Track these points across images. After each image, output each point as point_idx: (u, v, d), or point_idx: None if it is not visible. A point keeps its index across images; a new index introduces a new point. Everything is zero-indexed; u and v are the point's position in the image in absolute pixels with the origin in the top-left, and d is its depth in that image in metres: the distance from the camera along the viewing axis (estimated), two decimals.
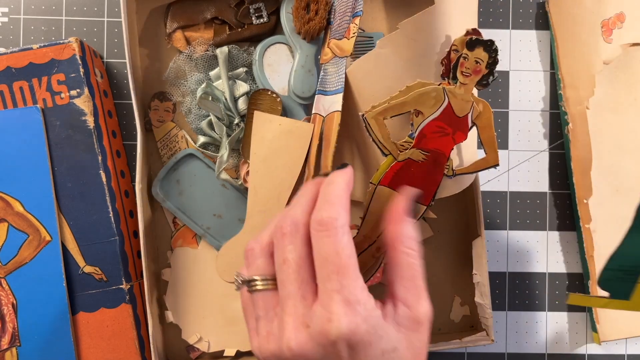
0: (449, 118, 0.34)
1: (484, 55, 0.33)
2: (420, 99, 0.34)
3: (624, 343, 0.56)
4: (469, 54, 0.33)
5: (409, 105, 0.34)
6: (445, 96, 0.34)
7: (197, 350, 0.52)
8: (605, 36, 0.54)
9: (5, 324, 0.48)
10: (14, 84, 0.48)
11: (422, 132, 0.34)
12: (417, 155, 0.35)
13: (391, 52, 0.44)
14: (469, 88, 0.34)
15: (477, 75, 0.33)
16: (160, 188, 0.51)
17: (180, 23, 0.52)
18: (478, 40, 0.33)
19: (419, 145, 0.35)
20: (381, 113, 0.34)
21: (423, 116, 0.34)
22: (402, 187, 0.36)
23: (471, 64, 0.33)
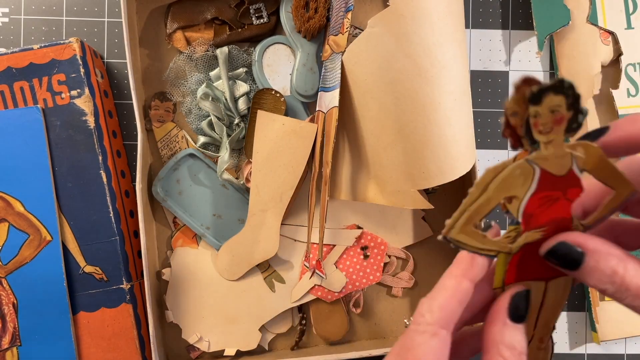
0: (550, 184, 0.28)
1: (559, 99, 0.26)
2: (505, 186, 0.27)
3: (624, 343, 0.56)
4: (539, 109, 0.26)
5: (495, 199, 0.27)
6: (533, 166, 0.27)
7: (197, 350, 0.52)
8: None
9: (6, 324, 0.48)
10: (14, 84, 0.48)
11: (526, 215, 0.28)
12: (533, 236, 0.29)
13: (382, 31, 0.44)
14: (558, 142, 0.27)
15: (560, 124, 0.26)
16: (161, 188, 0.51)
17: (181, 23, 0.52)
18: (542, 88, 0.26)
19: (530, 226, 0.28)
20: (467, 224, 0.28)
21: (518, 199, 0.28)
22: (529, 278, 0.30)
23: (547, 118, 0.26)
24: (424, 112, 0.44)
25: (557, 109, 0.26)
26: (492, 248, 0.29)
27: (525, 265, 0.29)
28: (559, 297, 0.30)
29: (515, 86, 0.26)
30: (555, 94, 0.26)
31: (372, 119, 0.47)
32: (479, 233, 0.28)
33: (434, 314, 0.27)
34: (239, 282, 0.52)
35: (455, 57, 0.45)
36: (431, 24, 0.43)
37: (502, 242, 0.29)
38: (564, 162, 0.28)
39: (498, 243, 0.29)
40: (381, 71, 0.45)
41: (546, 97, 0.26)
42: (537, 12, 0.54)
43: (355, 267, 0.52)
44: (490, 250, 0.29)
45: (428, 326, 0.27)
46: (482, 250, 0.29)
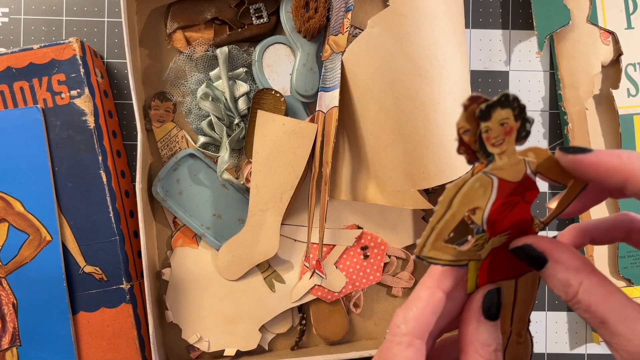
0: (509, 191, 0.29)
1: (507, 112, 0.27)
2: (467, 199, 0.29)
3: None
4: (489, 124, 0.27)
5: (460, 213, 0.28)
6: (491, 177, 0.29)
7: (197, 350, 0.52)
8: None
9: (6, 324, 0.48)
10: (14, 84, 0.48)
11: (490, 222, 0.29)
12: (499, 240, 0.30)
13: (382, 31, 0.44)
14: (510, 151, 0.28)
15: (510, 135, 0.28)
16: (161, 188, 0.51)
17: (181, 23, 0.52)
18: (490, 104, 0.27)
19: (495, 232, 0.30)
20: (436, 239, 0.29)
21: (480, 209, 0.29)
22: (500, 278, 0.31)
23: (498, 131, 0.27)
24: (424, 112, 0.44)
25: (506, 122, 0.27)
26: (463, 258, 0.30)
27: (495, 267, 0.31)
28: (529, 291, 0.32)
29: (464, 105, 0.27)
30: (502, 108, 0.27)
31: (372, 119, 0.47)
32: (450, 247, 0.29)
33: (408, 324, 0.28)
34: (239, 282, 0.52)
35: (455, 57, 0.45)
36: (431, 24, 0.43)
37: (471, 252, 0.30)
38: (518, 168, 0.29)
39: (468, 253, 0.30)
40: (381, 71, 0.45)
41: (494, 112, 0.27)
42: (537, 12, 0.54)
43: (355, 267, 0.52)
44: (462, 260, 0.30)
45: (403, 337, 0.28)
46: (454, 262, 0.30)
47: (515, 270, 0.31)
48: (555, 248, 0.28)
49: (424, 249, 0.29)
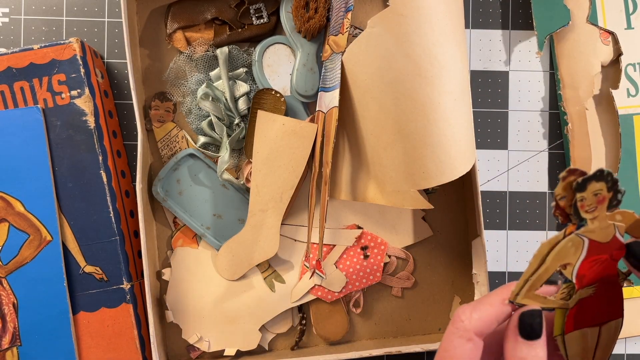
0: (598, 250, 0.32)
1: (600, 185, 0.30)
2: (560, 257, 0.32)
3: (624, 343, 0.56)
4: (584, 195, 0.30)
5: (552, 268, 0.32)
6: (582, 238, 0.32)
7: (197, 350, 0.52)
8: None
9: (6, 324, 0.48)
10: (14, 84, 0.48)
11: (579, 276, 0.32)
12: (586, 292, 0.33)
13: (382, 31, 0.44)
14: (601, 217, 0.31)
15: (602, 203, 0.31)
16: (161, 188, 0.51)
17: (181, 23, 0.52)
18: (586, 178, 0.30)
19: (582, 285, 0.33)
20: (529, 290, 0.32)
21: (571, 265, 0.32)
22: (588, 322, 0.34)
23: (591, 200, 0.31)
24: (424, 112, 0.44)
25: (599, 192, 0.30)
26: (552, 306, 0.33)
27: (582, 316, 0.33)
28: (612, 337, 0.34)
29: (562, 177, 0.30)
30: (596, 182, 0.30)
31: (372, 119, 0.47)
32: (540, 296, 0.32)
33: (472, 321, 0.31)
34: (239, 282, 0.52)
35: (455, 57, 0.45)
36: (431, 24, 0.43)
37: (558, 301, 0.33)
38: (608, 231, 0.32)
39: (556, 302, 0.33)
40: (381, 71, 0.45)
41: (589, 185, 0.30)
42: (537, 12, 0.54)
43: (355, 267, 0.52)
44: (552, 307, 0.33)
45: (465, 331, 0.31)
46: (543, 308, 0.32)
47: (600, 319, 0.34)
48: None
49: (517, 297, 0.32)
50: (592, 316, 0.33)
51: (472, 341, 0.31)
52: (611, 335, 0.34)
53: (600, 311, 0.33)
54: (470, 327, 0.31)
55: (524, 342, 0.31)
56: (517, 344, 0.31)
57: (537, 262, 0.31)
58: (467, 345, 0.31)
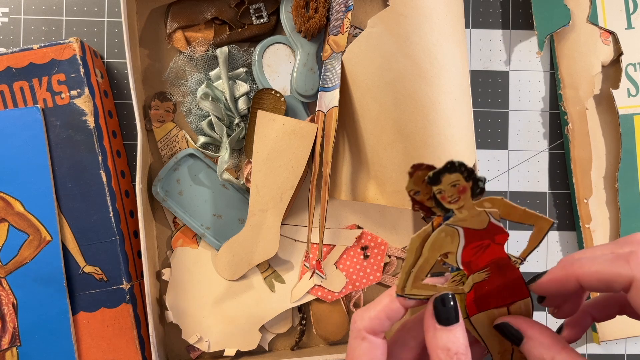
0: (477, 236, 0.32)
1: (455, 176, 0.30)
2: (436, 246, 0.31)
3: (624, 343, 0.56)
4: (441, 187, 0.30)
5: (432, 259, 0.32)
6: (455, 228, 0.31)
7: (197, 350, 0.52)
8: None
9: (6, 324, 0.48)
10: (14, 84, 0.48)
11: (465, 263, 0.32)
12: (479, 277, 0.33)
13: (382, 30, 0.44)
14: (468, 205, 0.31)
15: (464, 193, 0.30)
16: (161, 188, 0.51)
17: (181, 23, 0.52)
18: (437, 172, 0.29)
19: (472, 270, 0.33)
20: (415, 281, 0.32)
21: (453, 254, 0.32)
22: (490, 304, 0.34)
23: (451, 191, 0.30)
24: (424, 112, 0.44)
25: (457, 183, 0.30)
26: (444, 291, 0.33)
27: (482, 299, 0.33)
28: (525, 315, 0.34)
29: (409, 173, 0.30)
30: (450, 174, 0.30)
31: (372, 119, 0.47)
32: (430, 285, 0.32)
33: (363, 321, 0.32)
34: (239, 282, 0.52)
35: (455, 57, 0.45)
36: (431, 24, 0.43)
37: (451, 287, 0.33)
38: (481, 218, 0.32)
39: (448, 288, 0.33)
40: (381, 71, 0.45)
41: (443, 177, 0.30)
42: (538, 12, 0.54)
43: (355, 267, 0.52)
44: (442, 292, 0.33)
45: (358, 332, 0.32)
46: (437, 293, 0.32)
47: (504, 299, 0.34)
48: (530, 327, 0.32)
49: (405, 289, 0.32)
50: (495, 298, 0.33)
51: (366, 340, 0.32)
52: (523, 313, 0.34)
53: (501, 293, 0.33)
54: (362, 326, 0.32)
55: (442, 329, 0.31)
56: (436, 331, 0.31)
57: (411, 256, 0.31)
58: (362, 345, 0.32)
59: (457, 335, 0.31)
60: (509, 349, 0.34)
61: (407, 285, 0.32)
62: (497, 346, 0.34)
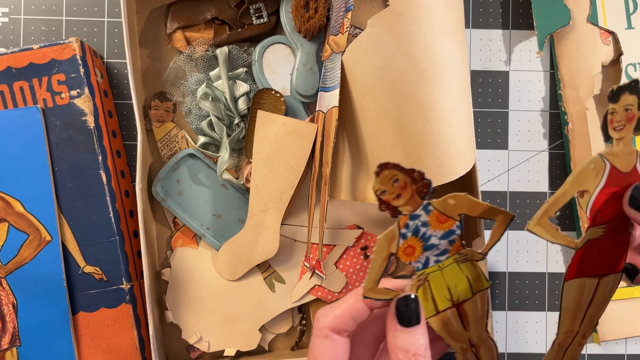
0: (617, 180, 0.31)
1: (633, 99, 0.30)
2: (580, 179, 0.30)
3: (624, 343, 0.56)
4: (615, 107, 0.30)
5: (570, 192, 0.31)
6: (605, 161, 0.31)
7: (197, 350, 0.52)
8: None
9: (6, 324, 0.48)
10: (14, 84, 0.48)
11: (593, 209, 0.31)
12: (596, 232, 0.32)
13: (382, 30, 0.44)
14: (627, 139, 0.31)
15: (631, 122, 0.30)
16: (161, 188, 0.51)
17: (181, 23, 0.52)
18: (620, 87, 0.29)
19: (595, 222, 0.32)
20: (543, 216, 0.31)
21: (589, 193, 0.31)
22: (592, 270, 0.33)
23: (622, 115, 0.30)
24: (424, 112, 0.44)
25: (630, 107, 0.30)
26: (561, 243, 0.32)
27: (586, 261, 0.32)
28: (607, 295, 0.33)
29: (376, 172, 0.30)
30: (630, 94, 0.29)
31: (372, 119, 0.46)
32: (553, 228, 0.31)
33: (327, 318, 0.32)
34: (239, 282, 0.52)
35: (455, 57, 0.45)
36: (431, 24, 0.43)
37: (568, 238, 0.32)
38: (630, 159, 0.31)
39: (567, 239, 0.32)
40: (381, 71, 0.45)
41: (622, 96, 0.29)
42: (538, 12, 0.54)
43: (355, 267, 0.52)
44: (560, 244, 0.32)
45: (321, 330, 0.32)
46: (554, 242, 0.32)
47: (602, 269, 0.33)
48: None
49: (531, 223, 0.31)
50: (596, 264, 0.33)
51: (328, 338, 0.32)
52: (607, 292, 0.33)
53: (604, 259, 0.32)
54: (325, 324, 0.32)
55: (402, 330, 0.31)
56: (397, 332, 0.31)
57: (379, 257, 0.31)
58: (325, 343, 0.32)
59: (417, 337, 0.31)
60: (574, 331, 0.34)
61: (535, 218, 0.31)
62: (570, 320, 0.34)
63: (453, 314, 0.34)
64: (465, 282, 0.34)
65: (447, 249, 0.33)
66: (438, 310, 0.33)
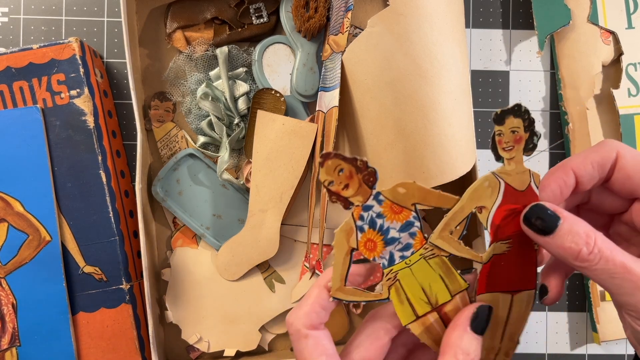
0: (513, 197, 0.32)
1: (518, 122, 0.31)
2: (476, 196, 0.32)
3: (624, 343, 0.56)
4: (502, 129, 0.31)
5: (467, 208, 0.32)
6: (499, 179, 0.32)
7: (197, 350, 0.52)
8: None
9: (5, 324, 0.48)
10: (14, 84, 0.48)
11: (493, 225, 0.32)
12: (500, 248, 0.33)
13: (382, 30, 0.44)
14: (518, 159, 0.32)
15: (519, 143, 0.31)
16: (160, 188, 0.51)
17: (180, 23, 0.52)
18: (504, 110, 0.31)
19: (497, 237, 0.32)
20: (444, 230, 0.32)
21: (487, 209, 0.32)
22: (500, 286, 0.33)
23: (509, 137, 0.31)
24: (424, 111, 0.44)
25: (517, 130, 0.31)
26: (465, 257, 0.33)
27: (495, 276, 0.33)
28: (523, 311, 0.33)
29: (320, 163, 0.30)
30: (514, 117, 0.31)
31: (372, 118, 0.46)
32: (455, 242, 0.32)
33: (300, 320, 0.32)
34: (239, 282, 0.52)
35: (455, 57, 0.45)
36: (431, 24, 0.43)
37: (474, 252, 0.32)
38: (524, 178, 0.32)
39: (471, 252, 0.32)
40: (381, 71, 0.45)
41: (507, 119, 0.31)
42: (538, 12, 0.54)
43: None
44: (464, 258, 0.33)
45: (298, 332, 0.32)
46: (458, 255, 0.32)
47: (513, 285, 0.33)
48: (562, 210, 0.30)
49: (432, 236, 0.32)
50: (506, 279, 0.33)
51: (309, 337, 0.32)
52: (523, 308, 0.33)
53: (513, 275, 0.33)
54: (300, 325, 0.32)
55: (472, 335, 0.31)
56: (466, 334, 0.31)
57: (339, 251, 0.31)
58: (308, 342, 0.31)
59: (479, 346, 0.31)
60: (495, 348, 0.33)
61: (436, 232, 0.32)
62: None
63: (436, 319, 0.33)
64: (440, 281, 0.33)
65: (410, 242, 0.32)
66: (418, 315, 0.32)
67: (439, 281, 0.33)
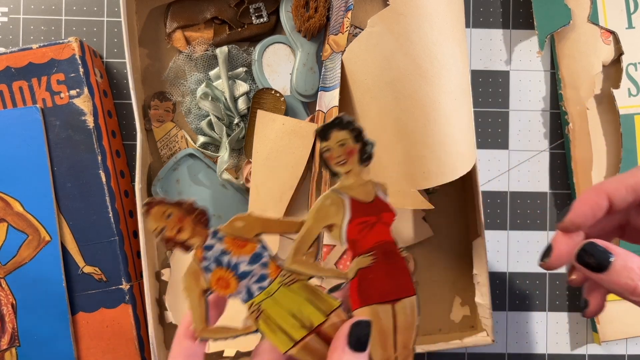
0: (362, 210, 0.31)
1: (344, 134, 0.30)
2: (320, 215, 0.31)
3: (624, 343, 0.56)
4: (329, 144, 0.30)
5: (315, 228, 0.31)
6: (341, 196, 0.31)
7: None
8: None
9: (5, 324, 0.48)
10: (13, 83, 0.48)
11: (349, 240, 0.31)
12: (364, 261, 0.32)
13: (382, 30, 0.44)
14: (355, 171, 0.31)
15: (352, 155, 0.30)
16: (160, 188, 0.51)
17: (180, 23, 0.52)
18: (326, 125, 0.30)
19: (358, 252, 0.32)
20: (296, 254, 0.31)
21: (337, 226, 0.31)
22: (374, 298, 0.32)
23: (339, 151, 0.30)
24: (424, 111, 0.44)
25: (345, 142, 0.30)
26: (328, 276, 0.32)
27: (366, 289, 0.32)
28: (409, 318, 0.32)
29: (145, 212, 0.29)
30: (338, 130, 0.30)
31: (372, 118, 0.46)
32: (312, 263, 0.32)
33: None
34: None
35: (455, 57, 0.45)
36: (431, 23, 0.43)
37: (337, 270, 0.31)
38: (367, 189, 0.31)
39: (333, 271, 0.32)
40: (381, 70, 0.45)
41: (332, 133, 0.30)
42: (538, 12, 0.54)
43: None
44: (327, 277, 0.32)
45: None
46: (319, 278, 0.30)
47: (389, 295, 0.32)
48: (612, 245, 0.30)
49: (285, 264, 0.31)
50: (379, 291, 0.32)
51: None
52: (408, 316, 0.32)
53: (386, 286, 0.32)
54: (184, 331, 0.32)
55: (352, 354, 0.30)
56: (345, 354, 0.30)
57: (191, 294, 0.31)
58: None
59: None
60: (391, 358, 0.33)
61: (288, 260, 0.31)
62: None
63: (317, 341, 0.32)
64: (308, 304, 0.32)
65: (265, 273, 0.32)
66: (295, 340, 0.31)
67: (307, 304, 0.32)
